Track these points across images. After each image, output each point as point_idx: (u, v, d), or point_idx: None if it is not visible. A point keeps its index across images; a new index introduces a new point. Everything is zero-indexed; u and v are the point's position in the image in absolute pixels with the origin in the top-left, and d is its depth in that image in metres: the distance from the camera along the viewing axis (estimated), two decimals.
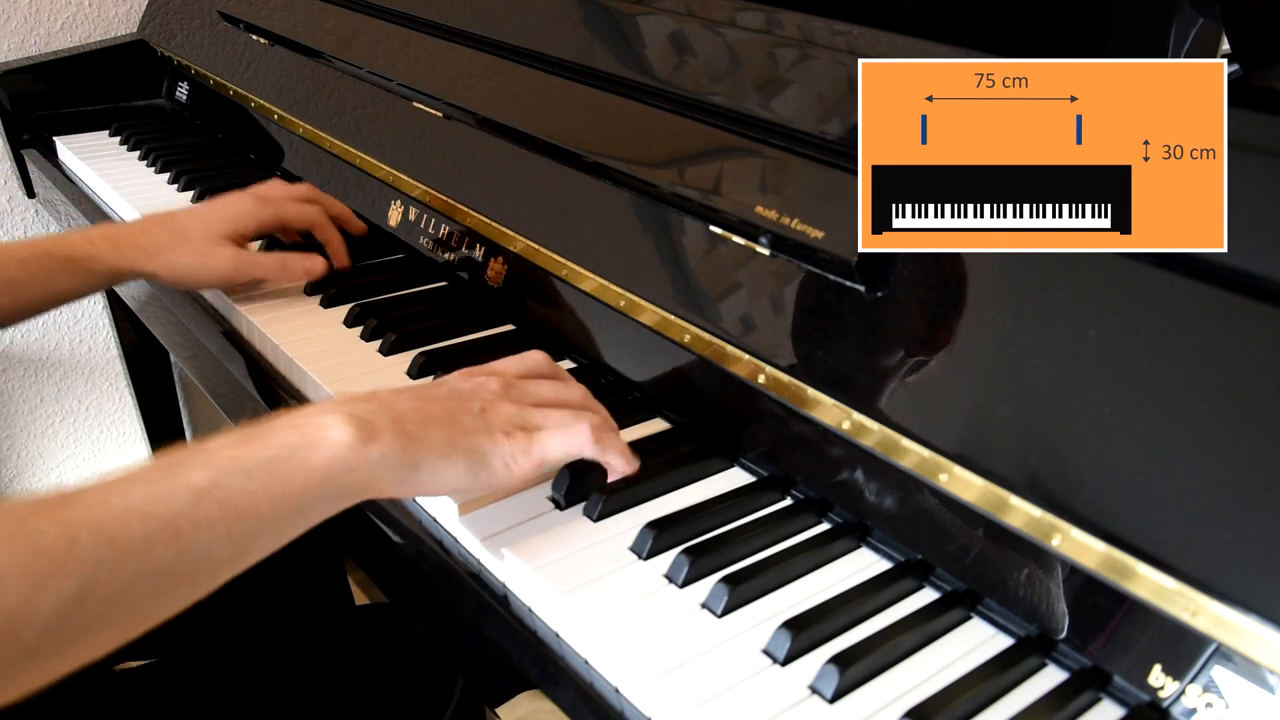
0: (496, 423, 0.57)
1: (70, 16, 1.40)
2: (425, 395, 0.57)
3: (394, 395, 0.56)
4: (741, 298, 0.67)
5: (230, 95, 1.22)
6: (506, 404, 0.59)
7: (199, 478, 0.46)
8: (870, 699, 0.49)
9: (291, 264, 0.85)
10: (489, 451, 0.56)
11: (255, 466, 0.48)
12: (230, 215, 0.84)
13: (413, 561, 0.63)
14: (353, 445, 0.50)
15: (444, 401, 0.57)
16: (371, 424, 0.52)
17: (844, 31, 0.66)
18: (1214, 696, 0.45)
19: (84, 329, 1.53)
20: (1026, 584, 0.52)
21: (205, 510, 0.46)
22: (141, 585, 0.44)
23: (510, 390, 0.60)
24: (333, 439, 0.50)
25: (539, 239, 0.80)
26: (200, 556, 0.46)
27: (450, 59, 0.95)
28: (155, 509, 0.44)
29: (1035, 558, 0.51)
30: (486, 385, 0.59)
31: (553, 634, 0.55)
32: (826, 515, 0.62)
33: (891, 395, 0.58)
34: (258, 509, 0.47)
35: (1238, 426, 0.47)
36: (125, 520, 0.44)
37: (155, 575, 0.45)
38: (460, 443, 0.55)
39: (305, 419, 0.51)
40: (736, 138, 0.69)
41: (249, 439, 0.49)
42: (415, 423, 0.54)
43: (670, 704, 0.49)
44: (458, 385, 0.59)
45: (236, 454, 0.48)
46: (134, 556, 0.43)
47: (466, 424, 0.56)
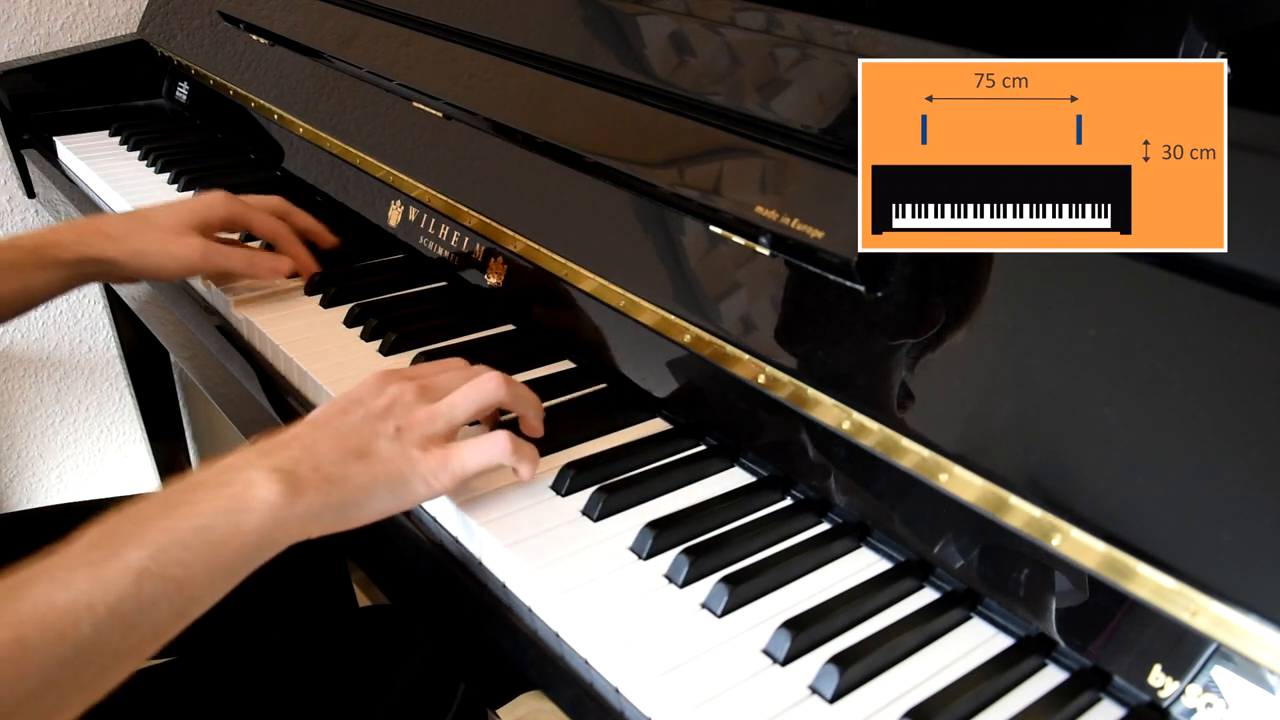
0: (412, 441, 0.58)
1: (70, 16, 1.40)
2: (342, 428, 0.58)
3: (312, 435, 0.57)
4: (741, 298, 0.67)
5: (230, 95, 1.22)
6: (421, 413, 0.59)
7: (137, 557, 0.48)
8: (870, 699, 0.49)
9: (259, 261, 0.86)
10: (409, 474, 0.57)
11: (190, 537, 0.50)
12: (197, 205, 0.85)
13: (413, 563, 0.63)
14: (279, 504, 0.52)
15: (360, 431, 0.58)
16: (295, 476, 0.53)
17: (844, 31, 0.66)
18: (1214, 696, 0.45)
19: (84, 329, 1.53)
20: (1026, 584, 0.52)
21: (148, 589, 0.48)
22: (93, 669, 0.46)
23: (424, 393, 0.61)
24: (260, 499, 0.52)
25: (539, 239, 0.80)
26: (145, 633, 0.48)
27: (450, 59, 0.95)
28: (100, 596, 0.46)
29: (1035, 558, 0.51)
30: (401, 398, 0.60)
31: (553, 634, 0.55)
32: (826, 515, 0.62)
33: (891, 395, 0.58)
34: (196, 579, 0.50)
35: (1238, 426, 0.47)
36: (73, 613, 0.45)
37: (105, 657, 0.46)
38: (380, 474, 0.56)
39: (231, 476, 0.53)
40: (736, 138, 0.69)
41: (178, 503, 0.51)
42: (335, 464, 0.55)
43: (670, 704, 0.49)
44: (373, 405, 0.59)
45: (170, 525, 0.50)
46: (84, 648, 0.45)
47: (383, 452, 0.57)
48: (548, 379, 0.76)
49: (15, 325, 1.46)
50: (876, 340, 0.59)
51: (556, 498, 0.62)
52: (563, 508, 0.62)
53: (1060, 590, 0.51)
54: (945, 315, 0.57)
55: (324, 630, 0.89)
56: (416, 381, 0.62)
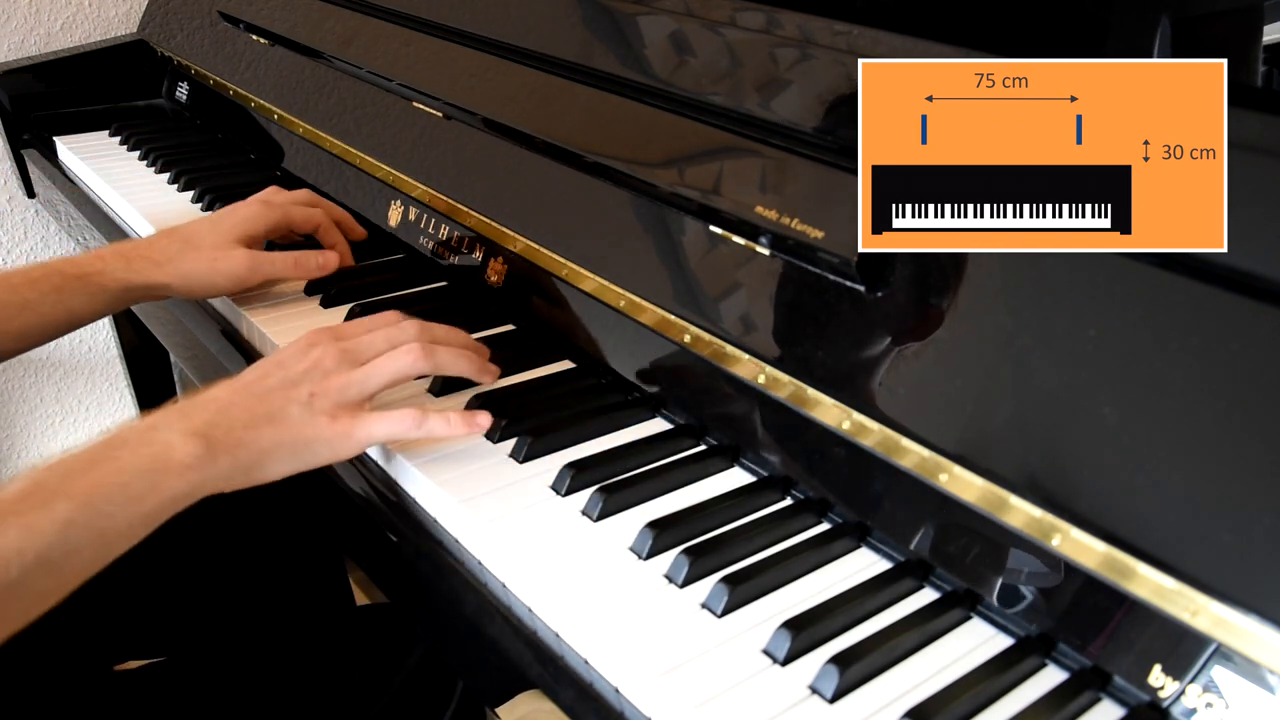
0: (323, 408, 0.62)
1: (70, 16, 1.40)
2: (258, 391, 0.61)
3: (229, 398, 0.61)
4: (741, 298, 0.67)
5: (230, 95, 1.22)
6: (336, 380, 0.63)
7: (64, 509, 0.52)
8: (870, 699, 0.49)
9: (305, 260, 0.86)
10: (313, 438, 0.61)
11: (113, 492, 0.54)
12: (239, 219, 0.85)
13: (412, 562, 0.63)
14: (195, 465, 0.57)
15: (273, 396, 0.61)
16: (211, 439, 0.58)
17: (844, 31, 0.66)
18: (1214, 696, 0.45)
19: (84, 329, 1.53)
20: (1026, 584, 0.52)
21: (74, 538, 0.52)
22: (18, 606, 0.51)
23: (346, 356, 0.64)
24: (178, 461, 0.56)
25: (539, 239, 0.80)
26: (68, 575, 0.53)
27: (450, 59, 0.95)
28: (30, 544, 0.50)
29: (1035, 558, 0.51)
30: (321, 363, 0.63)
31: (552, 634, 0.55)
32: (826, 515, 0.62)
33: (891, 395, 0.58)
34: (117, 529, 0.54)
35: (1238, 426, 0.47)
36: (3, 558, 0.49)
37: (30, 596, 0.51)
38: (285, 438, 0.60)
39: (152, 436, 0.57)
40: (736, 138, 0.69)
41: (102, 459, 0.55)
42: (247, 426, 0.59)
43: (670, 704, 0.49)
44: (292, 370, 0.63)
45: (95, 480, 0.54)
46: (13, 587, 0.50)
47: (293, 416, 0.61)
48: (548, 379, 0.76)
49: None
50: (876, 340, 0.59)
51: (556, 498, 0.62)
52: (563, 508, 0.62)
53: (1060, 590, 0.51)
54: (945, 315, 0.57)
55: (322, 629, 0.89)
56: (341, 344, 0.65)
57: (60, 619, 0.82)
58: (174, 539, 0.92)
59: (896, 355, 0.58)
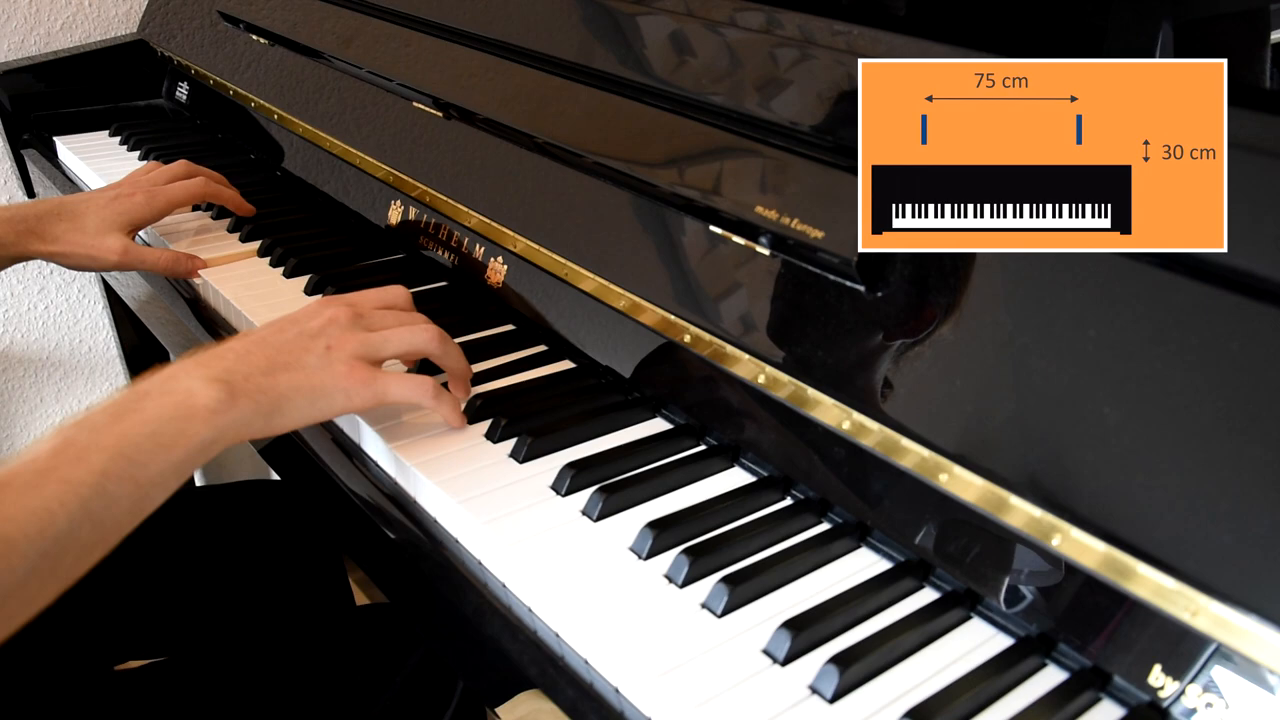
0: (339, 358, 0.63)
1: (70, 16, 1.40)
2: (275, 342, 0.63)
3: (246, 346, 0.62)
4: (741, 298, 0.67)
5: (230, 95, 1.22)
6: (352, 337, 0.64)
7: (99, 460, 0.53)
8: (870, 699, 0.49)
9: (180, 263, 0.94)
10: (330, 386, 0.62)
11: (143, 440, 0.55)
12: (123, 209, 0.92)
13: (412, 562, 0.63)
14: (218, 410, 0.57)
15: (292, 346, 0.63)
16: (231, 384, 0.59)
17: (844, 31, 0.66)
18: (1214, 696, 0.45)
19: (84, 329, 1.53)
20: (1026, 584, 0.52)
21: (111, 488, 0.53)
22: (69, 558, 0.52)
23: (359, 320, 0.66)
24: (202, 405, 0.57)
25: (539, 239, 0.80)
26: (110, 526, 0.53)
27: (450, 59, 0.95)
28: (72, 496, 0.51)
29: (1035, 558, 0.51)
30: (337, 320, 0.65)
31: (552, 634, 0.55)
32: (826, 515, 0.62)
33: (891, 395, 0.58)
34: (150, 477, 0.55)
35: (1238, 426, 0.47)
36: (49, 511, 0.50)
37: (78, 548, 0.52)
38: (303, 384, 0.61)
39: (173, 385, 0.58)
40: (736, 138, 0.69)
41: (128, 410, 0.56)
42: (265, 373, 0.61)
43: (670, 704, 0.49)
44: (307, 325, 0.65)
45: (123, 430, 0.55)
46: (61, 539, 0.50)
47: (310, 364, 0.62)
48: (548, 379, 0.76)
49: (15, 325, 1.46)
50: (876, 340, 0.59)
51: (556, 498, 0.62)
52: (563, 508, 0.62)
53: (1060, 590, 0.51)
54: (945, 315, 0.57)
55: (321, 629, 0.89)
56: (354, 309, 0.67)
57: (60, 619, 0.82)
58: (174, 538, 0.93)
59: (896, 355, 0.58)
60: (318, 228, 1.03)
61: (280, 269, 0.94)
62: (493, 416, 0.69)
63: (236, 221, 1.02)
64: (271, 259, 0.96)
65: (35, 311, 1.47)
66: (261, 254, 0.97)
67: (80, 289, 1.50)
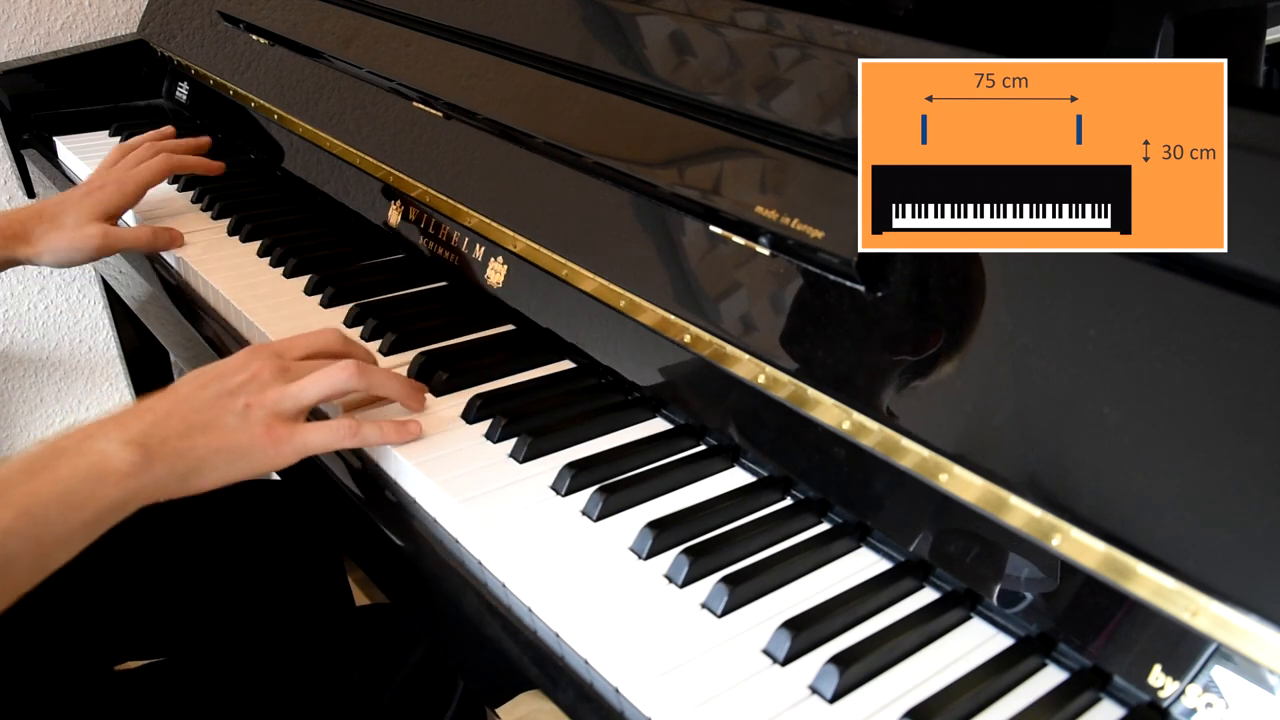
0: (259, 419, 0.63)
1: (70, 16, 1.40)
2: (195, 402, 0.63)
3: (166, 408, 0.62)
4: (741, 298, 0.67)
5: (230, 95, 1.22)
6: (271, 394, 0.64)
7: (2, 517, 0.53)
8: (870, 699, 0.49)
9: (159, 237, 0.97)
10: (248, 446, 0.62)
11: (51, 501, 0.55)
12: (97, 201, 0.95)
13: (412, 562, 0.63)
14: (131, 473, 0.57)
15: (210, 406, 0.63)
16: (147, 448, 0.59)
17: (844, 31, 0.66)
18: (1214, 696, 0.45)
19: (84, 329, 1.53)
20: (1026, 584, 0.52)
21: (12, 547, 0.53)
22: None
23: (283, 374, 0.65)
24: (114, 468, 0.57)
25: (539, 239, 0.80)
26: (6, 584, 0.53)
27: (450, 59, 0.95)
28: None
29: (1035, 558, 0.51)
30: (259, 376, 0.64)
31: (553, 634, 0.55)
32: (826, 515, 0.62)
33: (891, 395, 0.58)
34: (56, 537, 0.55)
35: (1238, 426, 0.47)
36: None
37: None
38: (222, 446, 0.61)
39: (89, 446, 0.58)
40: (736, 138, 0.69)
41: (40, 469, 0.56)
42: (183, 436, 0.60)
43: (670, 704, 0.49)
44: (229, 382, 0.64)
45: (32, 490, 0.55)
46: None
47: (229, 425, 0.62)
48: (548, 379, 0.76)
49: (15, 325, 1.46)
50: (876, 340, 0.59)
51: (556, 498, 0.62)
52: (563, 508, 0.62)
53: (1060, 590, 0.51)
54: (945, 315, 0.57)
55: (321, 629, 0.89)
56: (279, 362, 0.66)
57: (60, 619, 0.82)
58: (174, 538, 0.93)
59: (896, 355, 0.58)
60: (318, 228, 1.03)
61: (280, 269, 0.94)
62: (493, 416, 0.69)
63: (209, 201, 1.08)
64: (272, 259, 0.96)
65: (35, 311, 1.47)
66: (261, 254, 0.97)
67: (80, 289, 1.50)
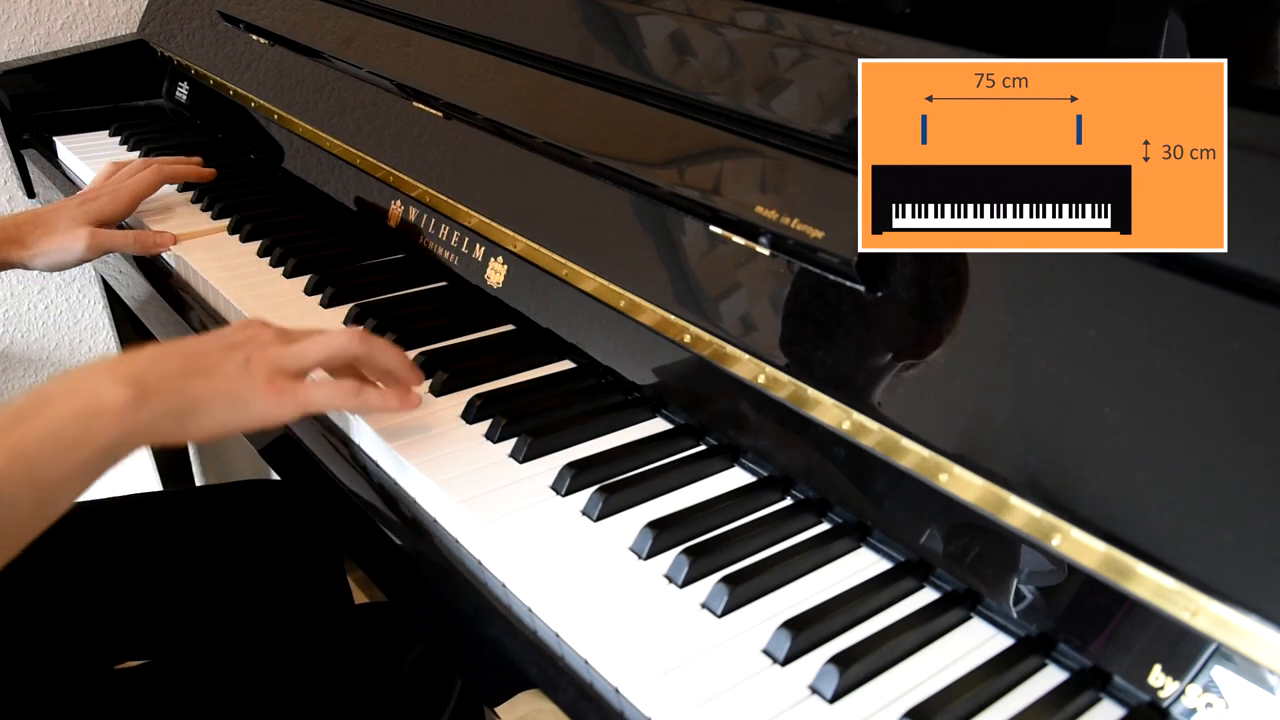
0: (259, 370, 0.62)
1: (70, 16, 1.40)
2: (194, 349, 0.61)
3: (163, 351, 0.61)
4: (741, 298, 0.67)
5: (230, 95, 1.22)
6: (272, 351, 0.63)
7: None
8: (870, 699, 0.49)
9: (145, 239, 0.99)
10: (248, 396, 0.61)
11: (45, 442, 0.53)
12: (91, 209, 0.97)
13: (412, 562, 0.63)
14: (124, 410, 0.56)
15: (211, 355, 0.61)
16: (142, 383, 0.57)
17: (844, 31, 0.66)
18: (1214, 696, 0.45)
19: (84, 329, 1.53)
20: (1027, 584, 0.52)
21: (9, 492, 0.51)
22: None
23: (282, 338, 0.64)
24: (108, 405, 0.55)
25: (539, 239, 0.80)
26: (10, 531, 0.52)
27: (450, 59, 0.95)
28: None
29: (1035, 558, 0.51)
30: (258, 336, 0.64)
31: (552, 634, 0.55)
32: (826, 515, 0.62)
33: (891, 395, 0.58)
34: (55, 479, 0.53)
35: (1238, 426, 0.47)
36: None
37: None
38: (221, 391, 0.60)
39: (79, 385, 0.56)
40: (736, 138, 0.69)
41: (29, 415, 0.54)
42: (179, 377, 0.59)
43: (670, 704, 0.49)
44: (228, 338, 0.63)
45: (23, 433, 0.53)
46: None
47: (229, 373, 0.61)
48: (548, 379, 0.76)
49: (15, 325, 1.46)
50: (876, 340, 0.59)
51: (556, 498, 0.62)
52: (563, 508, 0.62)
53: (1060, 590, 0.51)
54: (945, 315, 0.57)
55: (320, 628, 0.89)
56: (279, 327, 0.65)
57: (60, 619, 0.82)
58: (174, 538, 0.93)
59: (896, 355, 0.58)
60: (318, 228, 1.03)
61: (280, 269, 0.94)
62: (493, 416, 0.69)
63: (209, 201, 1.07)
64: (272, 259, 0.96)
65: (35, 311, 1.47)
66: (261, 254, 0.97)
67: (80, 289, 1.50)
